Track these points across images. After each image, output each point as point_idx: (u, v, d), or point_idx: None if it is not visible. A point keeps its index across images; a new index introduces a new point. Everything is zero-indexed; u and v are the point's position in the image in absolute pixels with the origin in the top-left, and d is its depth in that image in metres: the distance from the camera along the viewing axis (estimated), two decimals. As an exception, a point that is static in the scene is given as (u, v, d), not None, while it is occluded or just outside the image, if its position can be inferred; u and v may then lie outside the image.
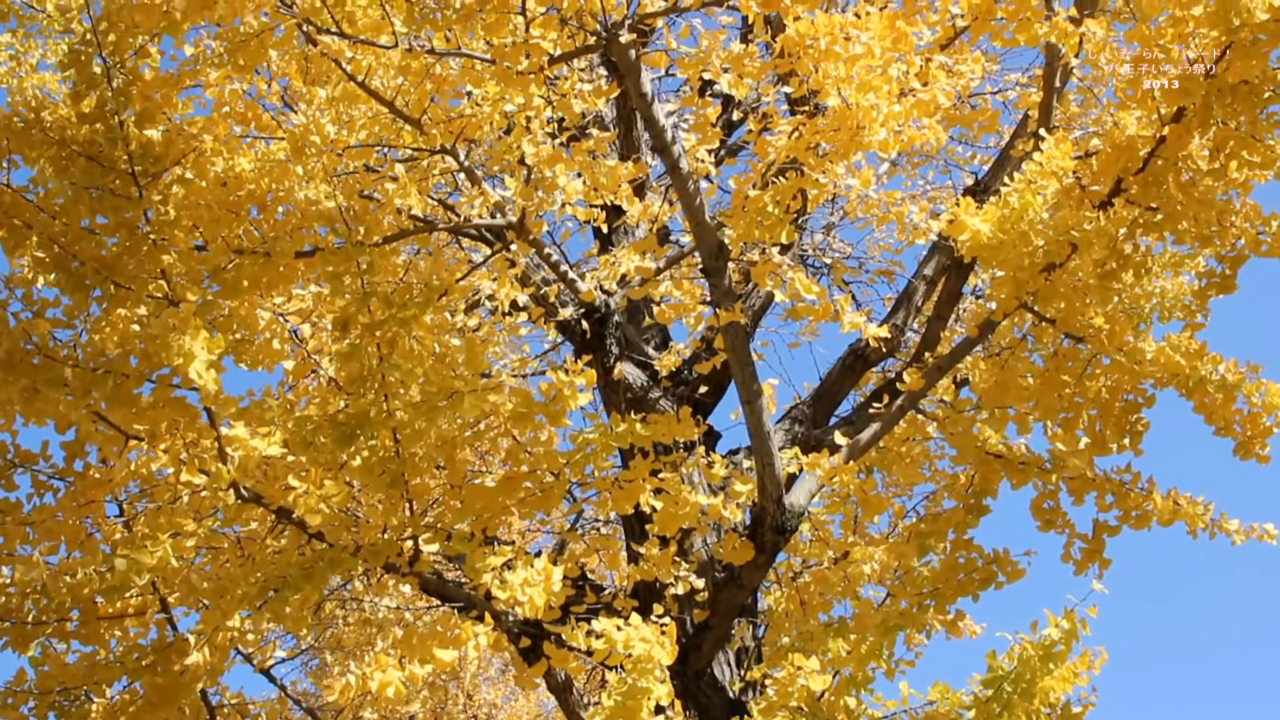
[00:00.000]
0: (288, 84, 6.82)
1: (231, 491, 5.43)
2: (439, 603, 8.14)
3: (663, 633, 5.20)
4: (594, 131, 6.84)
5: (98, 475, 5.49)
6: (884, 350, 7.95)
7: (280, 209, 6.10)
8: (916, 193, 9.75)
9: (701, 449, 6.53)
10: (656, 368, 7.88)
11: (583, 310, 7.60)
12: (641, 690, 5.06)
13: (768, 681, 6.19)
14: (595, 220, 7.09)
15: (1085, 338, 6.32)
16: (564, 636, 5.39)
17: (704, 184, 6.29)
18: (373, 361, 5.32)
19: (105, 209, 5.31)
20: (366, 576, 10.15)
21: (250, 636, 5.63)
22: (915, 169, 9.88)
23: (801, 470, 6.64)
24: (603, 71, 8.45)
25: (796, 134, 5.58)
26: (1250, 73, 5.26)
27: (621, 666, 5.14)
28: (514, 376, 8.69)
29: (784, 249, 6.47)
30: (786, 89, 5.72)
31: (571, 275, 7.27)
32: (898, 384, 6.98)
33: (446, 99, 6.35)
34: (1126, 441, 6.53)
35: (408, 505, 5.61)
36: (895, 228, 7.19)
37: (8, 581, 5.37)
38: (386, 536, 5.53)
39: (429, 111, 6.22)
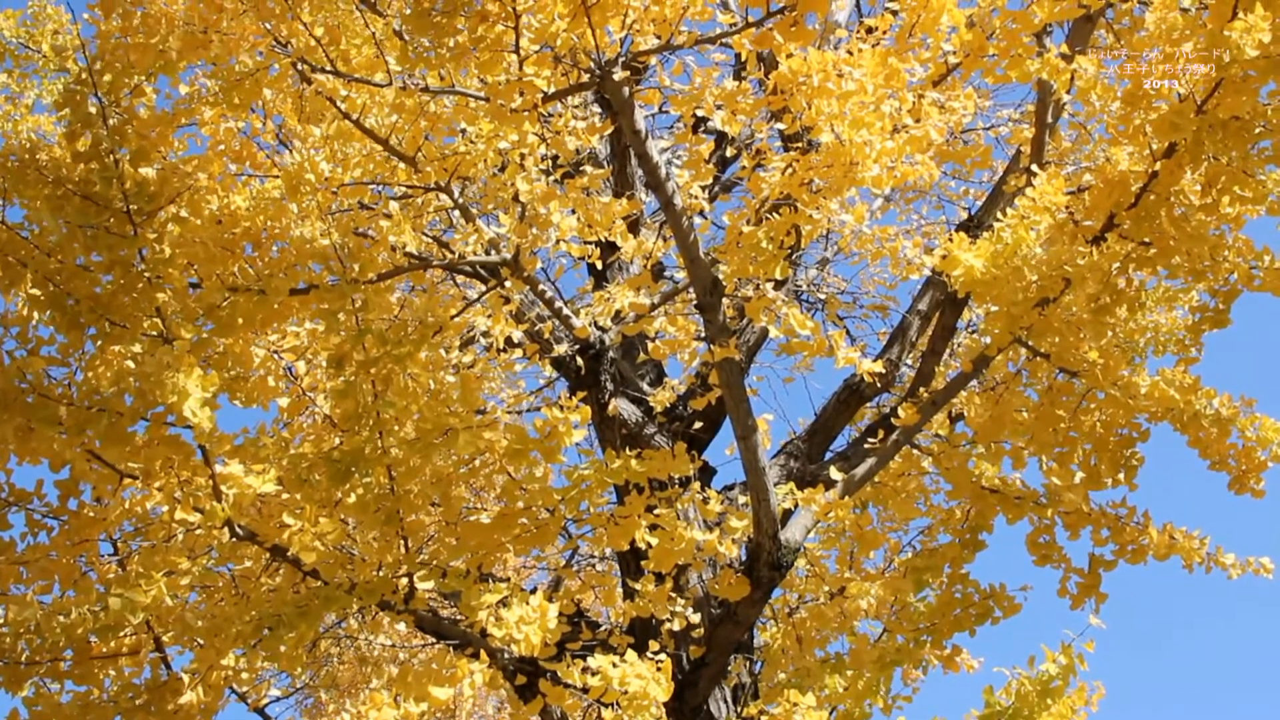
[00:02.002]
0: (283, 122, 6.85)
1: (226, 529, 5.42)
2: (434, 640, 8.11)
3: (658, 669, 5.18)
4: (588, 168, 6.84)
5: (92, 514, 5.47)
6: (879, 385, 7.95)
7: (275, 246, 6.11)
8: (910, 228, 9.78)
9: (697, 485, 6.51)
10: (652, 403, 7.87)
11: (577, 346, 7.60)
12: (638, 728, 5.04)
13: (764, 718, 6.16)
14: (590, 257, 7.09)
15: (1080, 372, 6.33)
16: (560, 674, 5.37)
17: (698, 220, 6.31)
18: (368, 399, 5.31)
19: (100, 247, 5.31)
20: (361, 614, 10.09)
21: (245, 675, 5.61)
22: (909, 205, 9.90)
23: (797, 506, 6.63)
24: (596, 109, 8.48)
25: (790, 170, 5.61)
26: (1241, 108, 5.29)
27: (618, 703, 5.12)
28: (509, 413, 8.69)
29: (778, 284, 6.47)
30: (780, 125, 5.74)
31: (566, 311, 7.27)
32: (893, 419, 6.98)
33: (441, 137, 6.37)
34: (1122, 476, 6.53)
35: (403, 542, 5.60)
36: (889, 263, 7.22)
37: (1, 621, 5.35)
38: (382, 574, 5.51)
39: (423, 149, 6.24)
